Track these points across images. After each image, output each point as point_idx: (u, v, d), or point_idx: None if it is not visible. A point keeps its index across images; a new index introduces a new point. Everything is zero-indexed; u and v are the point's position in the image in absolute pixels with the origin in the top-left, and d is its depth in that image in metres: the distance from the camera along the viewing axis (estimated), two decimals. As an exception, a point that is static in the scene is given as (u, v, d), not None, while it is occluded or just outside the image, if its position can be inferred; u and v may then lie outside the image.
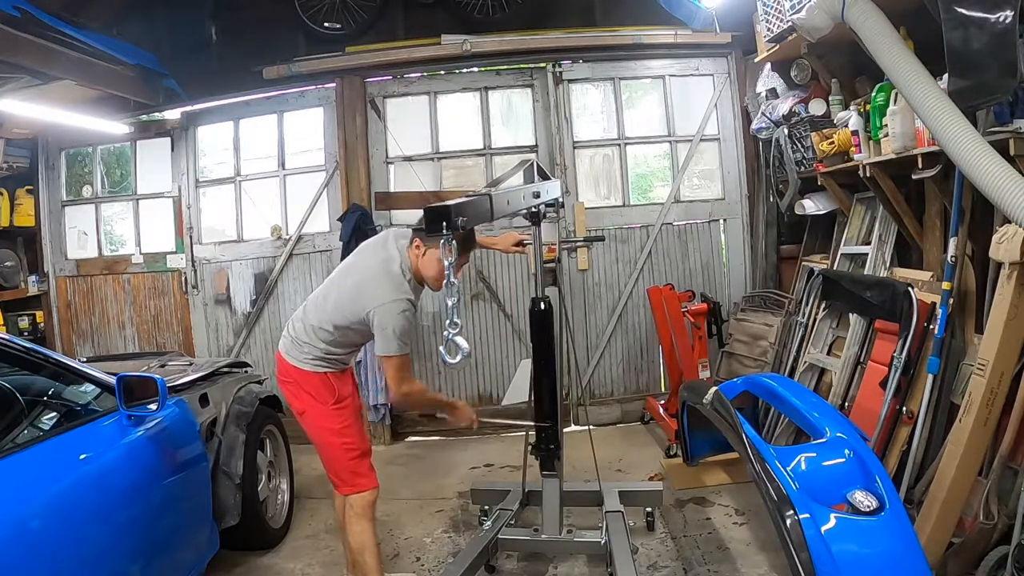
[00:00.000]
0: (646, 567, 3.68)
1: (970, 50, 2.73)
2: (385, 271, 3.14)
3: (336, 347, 3.26)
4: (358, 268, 3.27)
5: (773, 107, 5.18)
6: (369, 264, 3.22)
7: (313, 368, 3.26)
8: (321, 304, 3.27)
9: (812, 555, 2.15)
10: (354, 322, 3.16)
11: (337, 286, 3.28)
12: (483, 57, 6.10)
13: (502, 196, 2.58)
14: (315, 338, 3.23)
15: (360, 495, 3.29)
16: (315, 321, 3.24)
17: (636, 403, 6.23)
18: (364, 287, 3.13)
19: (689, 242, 6.25)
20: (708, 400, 3.02)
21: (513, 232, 2.57)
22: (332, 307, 3.21)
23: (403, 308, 3.04)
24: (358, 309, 3.11)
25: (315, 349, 3.24)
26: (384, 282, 3.10)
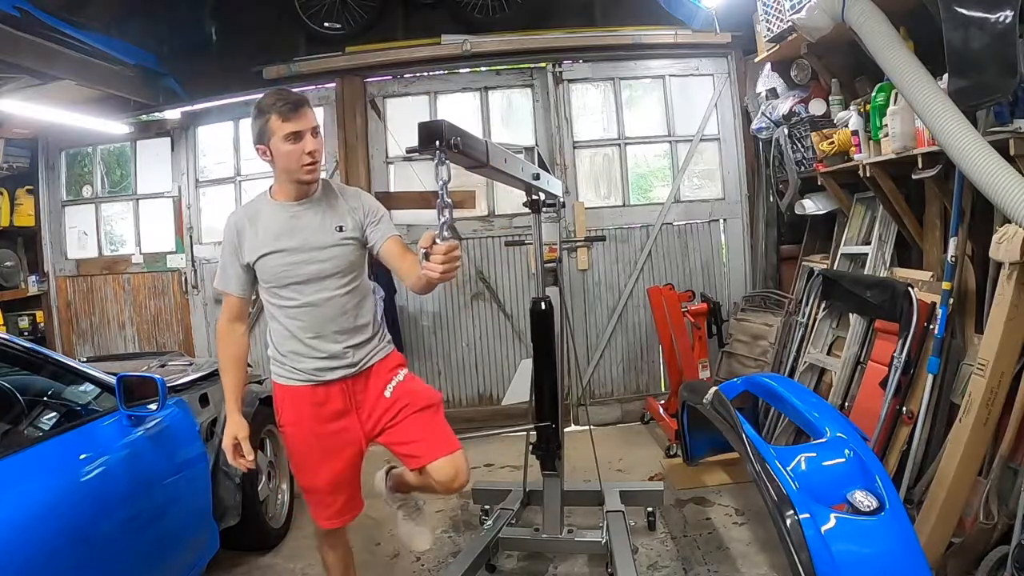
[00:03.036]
0: (646, 567, 3.68)
1: (970, 50, 2.73)
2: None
3: (273, 336, 2.79)
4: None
5: (773, 107, 5.18)
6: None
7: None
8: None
9: (812, 555, 2.15)
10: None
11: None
12: (483, 57, 6.10)
13: (499, 149, 2.55)
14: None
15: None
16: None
17: (636, 403, 6.23)
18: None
19: (689, 242, 6.25)
20: (708, 400, 3.02)
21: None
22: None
23: (227, 223, 2.71)
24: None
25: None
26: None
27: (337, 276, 2.66)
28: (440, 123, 1.94)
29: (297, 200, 2.65)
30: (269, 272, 2.62)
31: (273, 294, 2.67)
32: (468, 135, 2.07)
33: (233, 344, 2.77)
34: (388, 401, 2.75)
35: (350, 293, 2.71)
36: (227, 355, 2.78)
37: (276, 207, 2.66)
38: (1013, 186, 2.56)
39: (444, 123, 1.93)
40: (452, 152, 1.97)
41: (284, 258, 2.61)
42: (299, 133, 2.50)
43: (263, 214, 2.66)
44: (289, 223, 2.63)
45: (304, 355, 2.69)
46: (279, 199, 2.68)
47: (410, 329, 6.13)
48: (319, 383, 2.70)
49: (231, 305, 2.75)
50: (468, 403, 6.25)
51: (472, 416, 6.12)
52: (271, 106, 2.50)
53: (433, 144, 1.93)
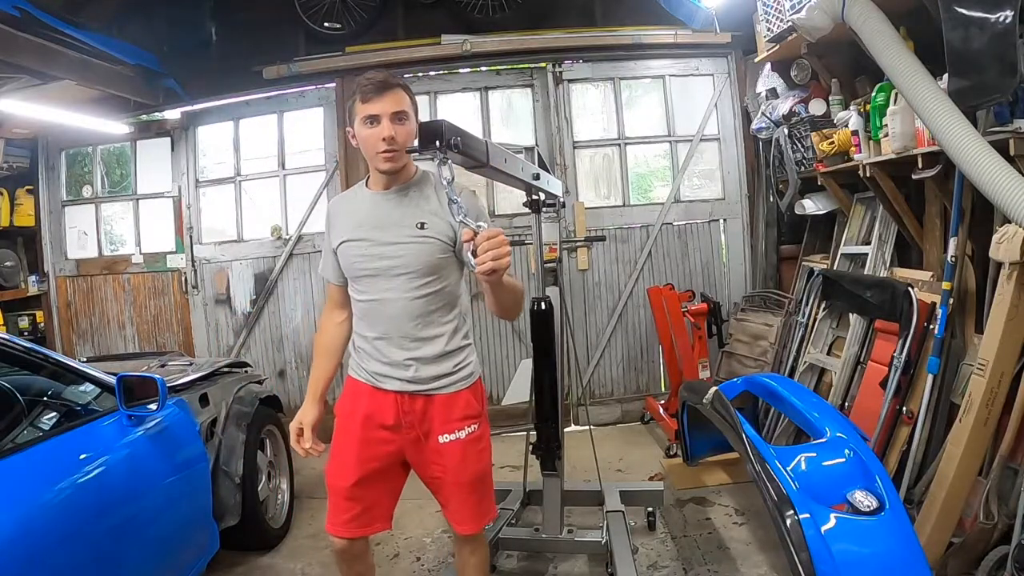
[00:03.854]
0: (646, 567, 3.68)
1: (970, 50, 2.73)
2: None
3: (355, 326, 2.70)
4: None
5: (773, 107, 5.18)
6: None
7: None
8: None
9: (812, 555, 2.15)
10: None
11: None
12: (483, 57, 6.10)
13: (500, 149, 2.54)
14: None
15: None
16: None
17: (636, 403, 6.23)
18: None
19: (689, 242, 6.25)
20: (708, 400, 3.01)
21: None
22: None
23: (327, 209, 2.71)
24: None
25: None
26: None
27: (409, 276, 2.46)
28: (441, 123, 1.93)
29: (385, 189, 2.52)
30: (345, 261, 2.54)
31: (352, 284, 2.58)
32: (468, 135, 2.06)
33: (327, 332, 2.77)
34: (437, 448, 2.56)
35: (425, 299, 2.48)
36: (320, 342, 2.79)
37: (367, 195, 2.56)
38: (1013, 186, 2.57)
39: (444, 123, 1.93)
40: (453, 152, 1.96)
41: (359, 248, 2.49)
42: (376, 117, 2.36)
43: (355, 200, 2.59)
44: (372, 212, 2.51)
45: (369, 354, 2.58)
46: (371, 187, 2.57)
47: (410, 329, 6.11)
48: (377, 388, 2.57)
49: (330, 292, 2.75)
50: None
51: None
52: (358, 87, 2.40)
53: (434, 144, 1.92)
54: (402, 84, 2.42)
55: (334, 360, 2.79)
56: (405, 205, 2.49)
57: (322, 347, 2.78)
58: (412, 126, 2.42)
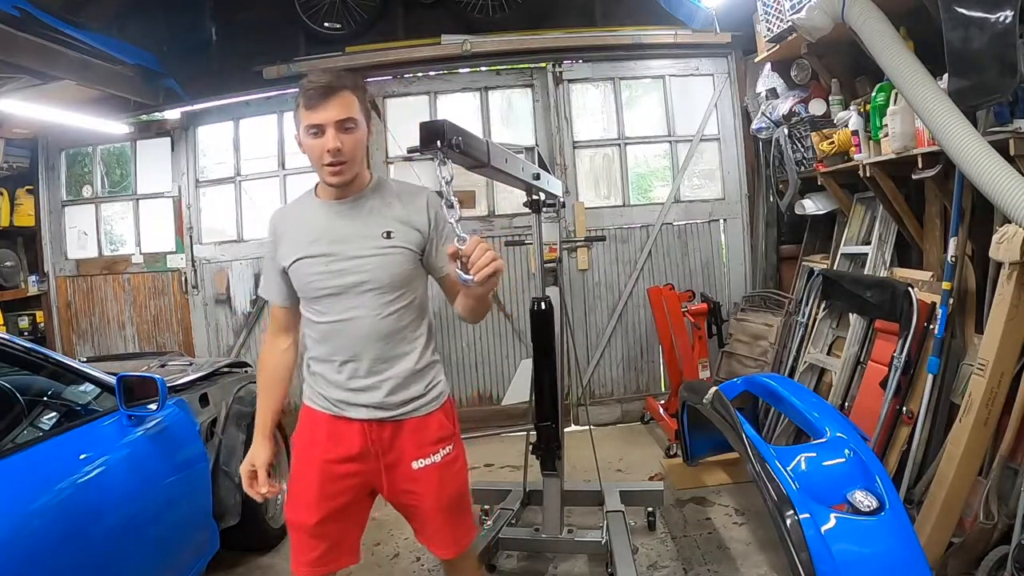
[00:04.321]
0: (646, 567, 3.68)
1: (970, 50, 2.73)
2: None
3: (307, 349, 2.44)
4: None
5: (773, 107, 5.18)
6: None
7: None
8: None
9: (812, 555, 2.15)
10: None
11: None
12: (483, 57, 6.10)
13: (500, 149, 2.53)
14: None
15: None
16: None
17: (636, 403, 6.23)
18: None
19: (689, 242, 6.25)
20: (708, 400, 3.02)
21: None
22: None
23: (269, 222, 2.45)
24: None
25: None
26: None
27: (378, 292, 2.24)
28: (441, 123, 1.93)
29: (340, 199, 2.28)
30: (300, 280, 2.28)
31: (307, 306, 2.33)
32: (469, 135, 2.07)
33: (271, 361, 2.47)
34: (411, 475, 2.35)
35: (395, 315, 2.27)
36: (264, 373, 2.48)
37: (318, 206, 2.31)
38: (1013, 186, 2.57)
39: (445, 123, 1.92)
40: (453, 152, 1.96)
41: (316, 265, 2.23)
42: (320, 127, 2.11)
43: (304, 213, 2.33)
44: (328, 224, 2.26)
45: (330, 380, 2.32)
46: (322, 196, 2.32)
47: (410, 329, 6.11)
48: (338, 417, 2.33)
49: (274, 316, 2.46)
50: (468, 403, 6.25)
51: (472, 416, 6.11)
52: (301, 91, 2.16)
53: (434, 144, 1.91)
54: (350, 86, 2.17)
55: (281, 391, 2.49)
56: (367, 214, 2.27)
57: (268, 378, 2.48)
58: (362, 133, 2.22)
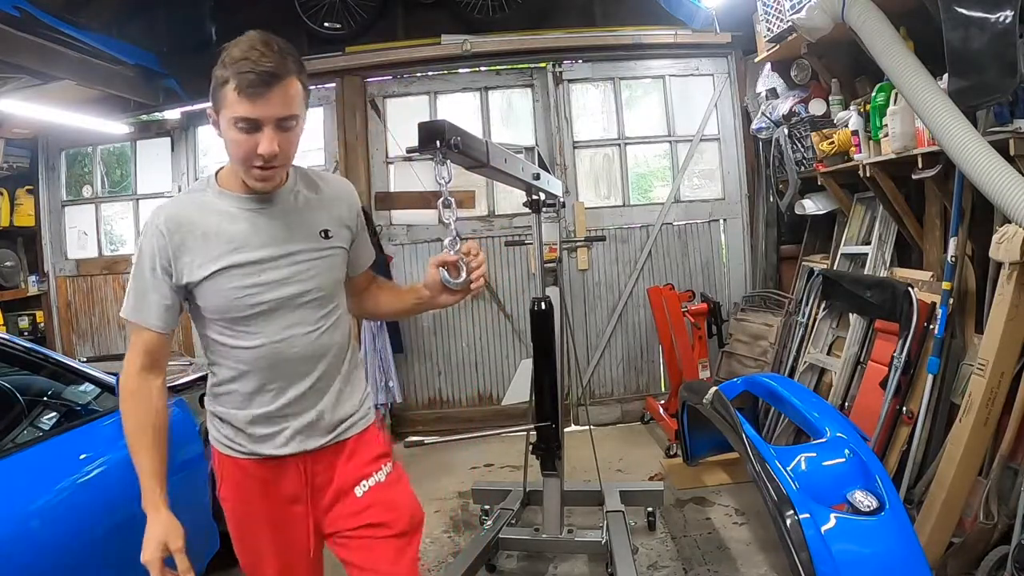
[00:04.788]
0: (646, 567, 3.68)
1: (970, 50, 2.73)
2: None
3: (216, 384, 2.00)
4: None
5: (773, 107, 5.18)
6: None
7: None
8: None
9: (812, 555, 2.15)
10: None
11: None
12: (483, 57, 6.10)
13: (500, 149, 2.52)
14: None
15: None
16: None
17: (636, 403, 6.23)
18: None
19: (689, 242, 6.25)
20: (708, 400, 3.02)
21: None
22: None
23: (152, 224, 1.85)
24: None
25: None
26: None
27: (318, 303, 1.92)
28: (441, 123, 1.93)
29: (262, 193, 1.86)
30: (222, 297, 1.82)
31: (224, 330, 1.88)
32: (468, 135, 2.06)
33: (147, 405, 1.87)
34: (357, 504, 1.98)
35: (329, 328, 1.96)
36: (139, 422, 1.88)
37: (230, 201, 1.86)
38: (1013, 186, 2.56)
39: (445, 123, 1.92)
40: (453, 152, 1.95)
41: (245, 276, 1.82)
42: (255, 122, 1.69)
43: (211, 211, 1.84)
44: (251, 224, 1.85)
45: (257, 419, 1.92)
46: (232, 189, 1.87)
47: (410, 329, 6.13)
48: (267, 457, 1.94)
49: (148, 345, 1.86)
50: (468, 403, 6.25)
51: (472, 416, 6.13)
52: (232, 66, 1.67)
53: (434, 144, 1.90)
54: (296, 71, 1.73)
55: (163, 441, 1.92)
56: (300, 210, 1.92)
57: (147, 428, 1.88)
58: (301, 130, 1.81)
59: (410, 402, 6.18)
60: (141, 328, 1.87)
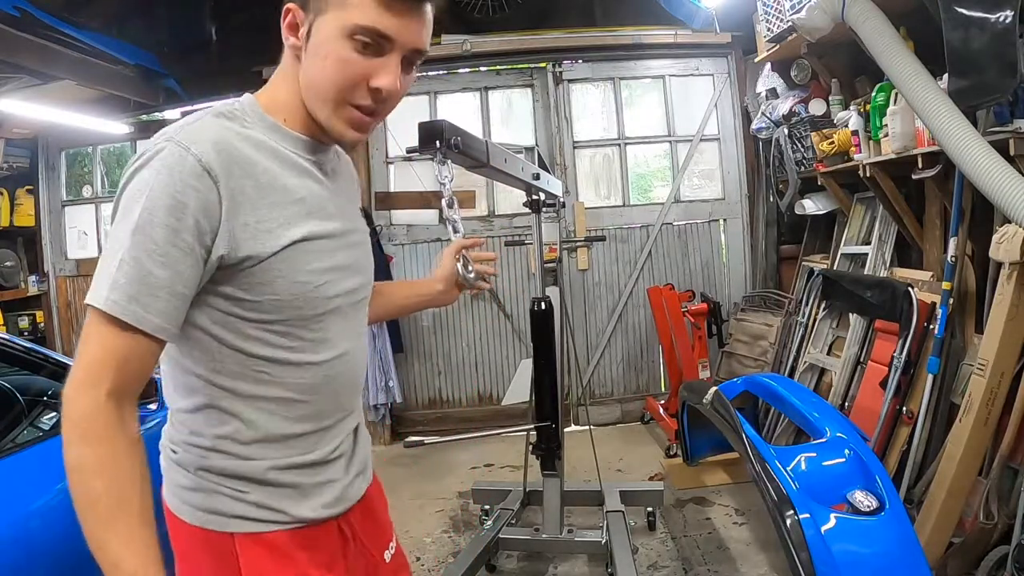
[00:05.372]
0: (646, 567, 3.68)
1: (970, 50, 2.73)
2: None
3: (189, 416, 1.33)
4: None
5: (773, 107, 5.18)
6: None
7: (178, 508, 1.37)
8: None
9: (812, 555, 2.15)
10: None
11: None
12: (483, 57, 6.09)
13: (500, 149, 2.52)
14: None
15: None
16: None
17: (636, 403, 6.23)
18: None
19: (689, 242, 6.25)
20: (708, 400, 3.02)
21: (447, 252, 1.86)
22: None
23: (179, 157, 1.16)
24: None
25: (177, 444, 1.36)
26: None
27: (367, 303, 1.51)
28: (440, 123, 1.92)
29: (322, 143, 1.39)
30: (298, 284, 1.27)
31: (282, 338, 1.28)
32: (468, 135, 2.06)
33: (129, 462, 1.16)
34: (386, 570, 1.55)
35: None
36: (119, 489, 1.15)
37: (292, 143, 1.33)
38: (1013, 186, 2.57)
39: (444, 123, 1.92)
40: (452, 152, 1.95)
41: (326, 255, 1.32)
42: (384, 40, 1.25)
43: (266, 152, 1.28)
44: (318, 182, 1.36)
45: (302, 467, 1.35)
46: (295, 129, 1.34)
47: (410, 329, 6.13)
48: (303, 528, 1.35)
49: (132, 359, 1.16)
50: (468, 403, 6.25)
51: (472, 416, 6.13)
52: None
53: (433, 144, 1.90)
54: (439, 4, 1.42)
55: (152, 520, 1.17)
56: (342, 177, 1.50)
57: (131, 499, 1.15)
58: (414, 76, 1.40)
59: (410, 402, 6.18)
60: (131, 330, 1.13)
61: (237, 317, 1.24)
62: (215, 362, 1.26)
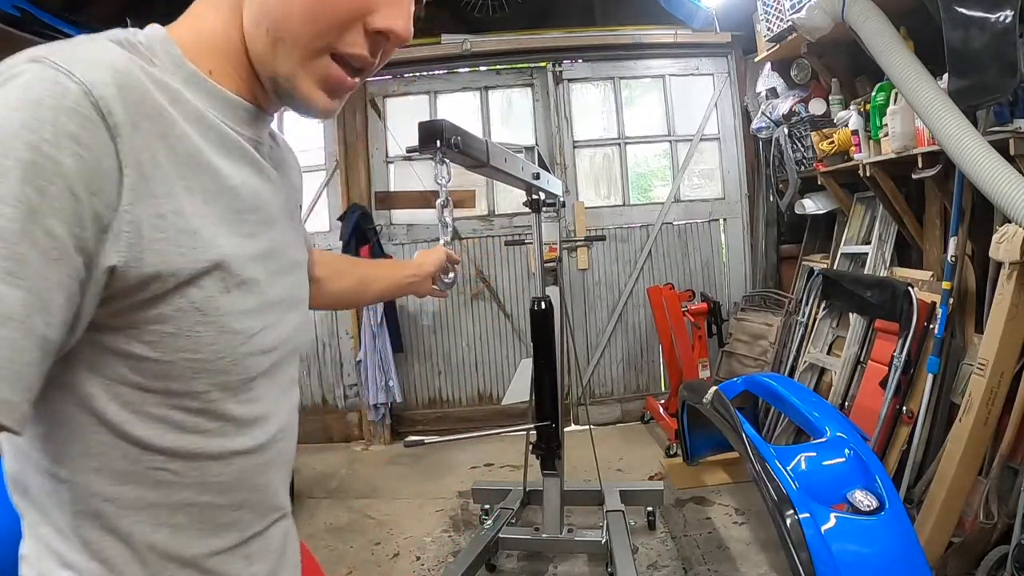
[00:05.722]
0: (646, 566, 3.68)
1: (970, 50, 2.73)
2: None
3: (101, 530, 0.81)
4: None
5: (773, 107, 5.18)
6: None
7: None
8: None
9: (812, 555, 2.16)
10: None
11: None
12: (483, 56, 6.09)
13: (499, 149, 2.51)
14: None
15: None
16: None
17: (636, 402, 6.23)
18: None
19: (689, 242, 6.25)
20: (708, 400, 3.02)
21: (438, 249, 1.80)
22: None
23: (28, 81, 0.66)
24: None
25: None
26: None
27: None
28: (440, 123, 1.92)
29: (259, 109, 0.95)
30: (231, 331, 0.83)
31: (194, 418, 0.82)
32: (468, 134, 2.06)
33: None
34: None
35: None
36: None
37: (224, 108, 0.89)
38: (1013, 186, 2.57)
39: (444, 122, 1.92)
40: (453, 152, 1.95)
41: (271, 282, 0.92)
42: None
43: (188, 112, 0.82)
44: (256, 169, 0.93)
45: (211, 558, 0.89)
46: (227, 86, 0.91)
47: (410, 328, 6.13)
48: None
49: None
50: (468, 402, 6.25)
51: (472, 415, 6.13)
52: None
53: (433, 143, 1.90)
54: None
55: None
56: (287, 167, 1.09)
57: None
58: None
59: (410, 401, 6.18)
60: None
61: (133, 387, 0.77)
62: (91, 456, 0.78)
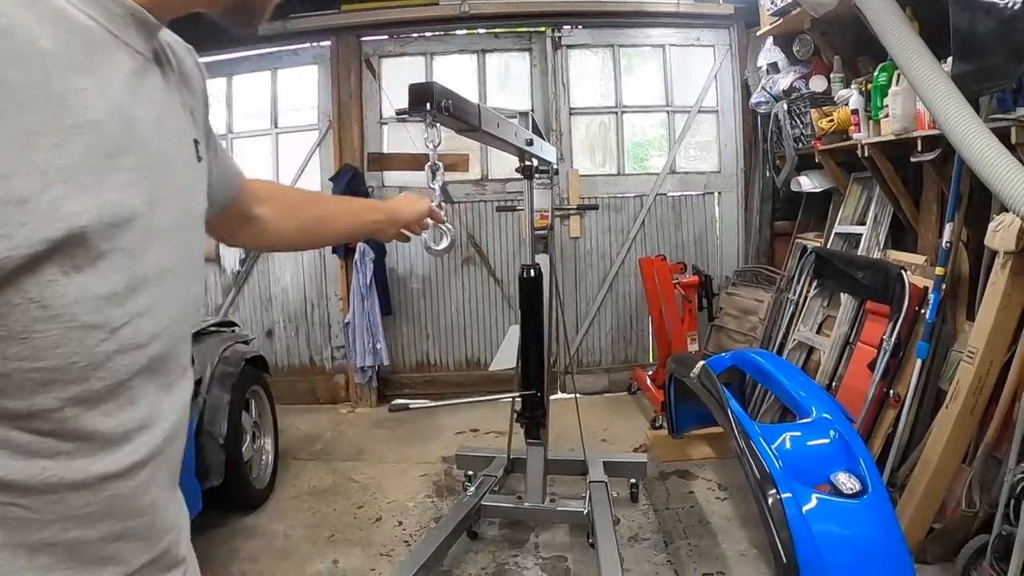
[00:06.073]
0: (627, 538, 3.70)
1: (976, 34, 2.69)
2: None
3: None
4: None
5: (773, 81, 5.13)
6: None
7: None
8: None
9: (793, 534, 2.17)
10: None
11: None
12: (481, 19, 6.01)
13: (492, 113, 2.47)
14: None
15: None
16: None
17: (623, 373, 6.24)
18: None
19: (683, 213, 6.22)
20: (695, 374, 3.02)
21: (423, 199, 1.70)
22: None
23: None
24: None
25: None
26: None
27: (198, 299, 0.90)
28: (431, 85, 1.88)
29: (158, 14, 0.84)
30: (84, 326, 0.64)
31: (45, 441, 0.66)
32: (460, 98, 2.02)
33: None
34: None
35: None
36: None
37: (109, 13, 0.71)
38: (1012, 175, 2.54)
39: (435, 85, 1.88)
40: (443, 115, 1.91)
41: (129, 254, 0.68)
42: None
43: (51, 22, 0.62)
44: (133, 93, 0.73)
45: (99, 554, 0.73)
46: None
47: (399, 291, 6.11)
48: None
49: None
50: (456, 367, 6.25)
51: (459, 380, 6.13)
52: None
53: (423, 106, 1.86)
54: None
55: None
56: (170, 87, 0.93)
57: None
58: None
59: (397, 365, 6.18)
60: None
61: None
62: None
